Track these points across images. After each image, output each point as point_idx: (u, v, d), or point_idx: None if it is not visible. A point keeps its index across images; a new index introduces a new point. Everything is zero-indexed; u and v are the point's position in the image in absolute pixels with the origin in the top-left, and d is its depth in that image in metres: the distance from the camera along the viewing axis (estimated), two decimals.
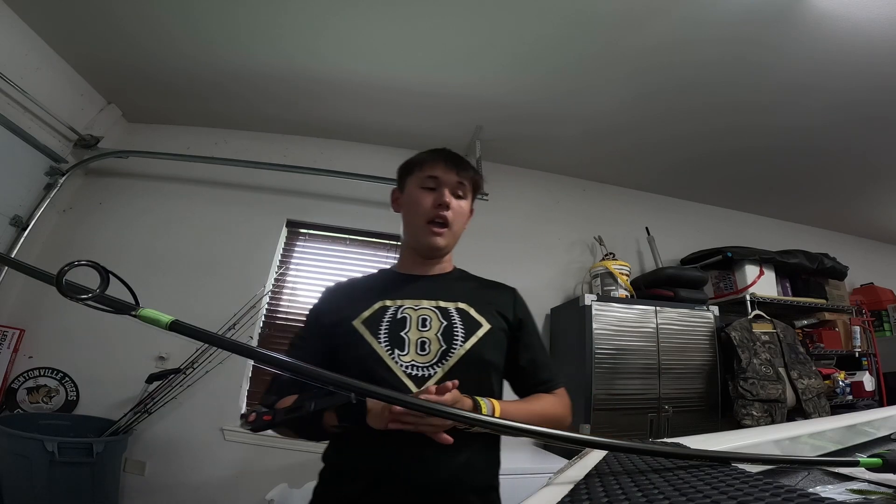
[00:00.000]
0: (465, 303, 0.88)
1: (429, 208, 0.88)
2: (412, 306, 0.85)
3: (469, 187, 0.93)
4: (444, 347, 0.80)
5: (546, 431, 0.48)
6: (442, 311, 0.85)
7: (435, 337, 0.81)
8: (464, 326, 0.83)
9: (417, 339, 0.80)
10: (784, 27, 1.68)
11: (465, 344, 0.81)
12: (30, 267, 0.52)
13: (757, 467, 0.45)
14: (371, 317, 0.83)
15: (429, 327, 0.82)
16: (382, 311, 0.84)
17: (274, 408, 0.73)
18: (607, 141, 2.59)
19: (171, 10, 1.86)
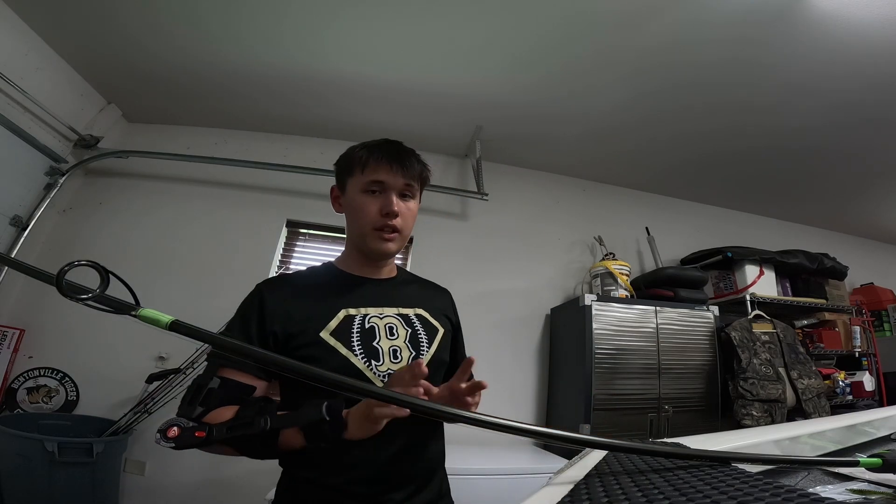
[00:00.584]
0: (422, 308, 0.89)
1: (375, 216, 0.81)
2: (377, 314, 0.83)
3: (417, 185, 0.87)
4: (414, 354, 0.82)
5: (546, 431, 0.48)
6: (404, 318, 0.86)
7: (404, 344, 0.82)
8: (425, 332, 0.86)
9: (389, 348, 0.80)
10: (784, 27, 1.68)
11: (430, 349, 0.84)
12: (30, 267, 0.52)
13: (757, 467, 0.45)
14: (339, 327, 0.78)
15: (396, 335, 0.82)
16: (349, 320, 0.80)
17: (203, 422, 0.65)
18: (607, 141, 2.59)
19: (172, 10, 1.86)
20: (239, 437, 0.63)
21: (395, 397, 0.48)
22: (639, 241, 2.99)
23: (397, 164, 0.82)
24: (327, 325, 0.78)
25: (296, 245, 2.65)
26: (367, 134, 2.80)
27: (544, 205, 2.94)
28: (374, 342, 0.79)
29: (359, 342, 0.78)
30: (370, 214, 0.81)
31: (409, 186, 0.84)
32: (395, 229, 0.82)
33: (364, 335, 0.79)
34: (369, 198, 0.82)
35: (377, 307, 0.84)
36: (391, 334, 0.81)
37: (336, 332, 0.78)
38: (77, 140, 2.41)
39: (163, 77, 2.29)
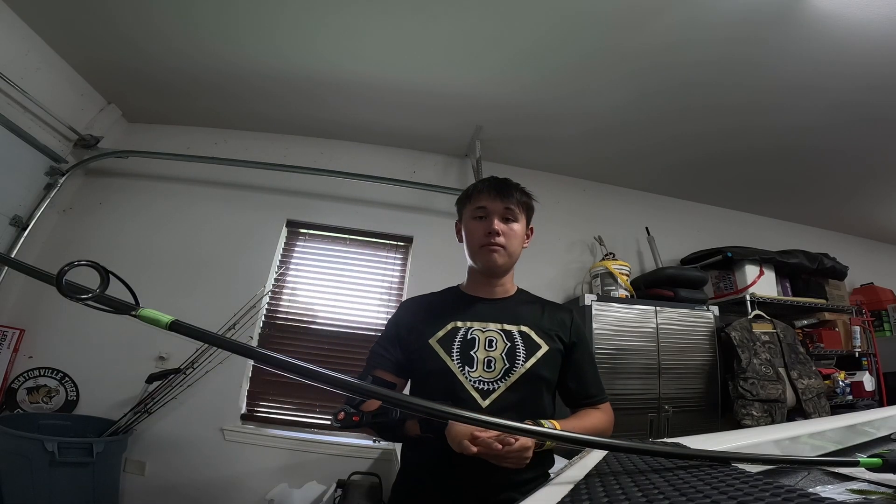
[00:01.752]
0: (527, 326, 0.97)
1: (481, 236, 0.97)
2: (480, 328, 0.95)
3: (519, 210, 1.00)
4: (508, 366, 0.91)
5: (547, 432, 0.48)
6: (506, 333, 0.95)
7: (500, 356, 0.91)
8: (525, 347, 0.93)
9: (484, 358, 0.91)
10: (784, 27, 1.68)
11: (525, 363, 0.91)
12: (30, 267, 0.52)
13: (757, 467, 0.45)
14: (445, 336, 0.93)
15: (494, 347, 0.92)
16: (454, 331, 0.94)
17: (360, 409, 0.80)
18: (607, 141, 2.59)
19: (171, 11, 1.86)
20: (379, 422, 0.79)
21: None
22: (639, 241, 2.99)
23: (496, 192, 0.98)
24: (436, 334, 0.94)
25: (296, 245, 2.65)
26: (366, 134, 2.83)
27: (544, 205, 2.90)
28: (471, 351, 0.91)
29: (458, 350, 0.91)
30: (477, 235, 0.98)
31: (508, 210, 0.98)
32: (500, 244, 0.96)
33: (464, 345, 0.92)
34: (477, 222, 0.99)
35: (482, 322, 0.96)
36: (489, 346, 0.92)
37: (442, 340, 0.93)
38: (77, 140, 2.41)
39: (163, 77, 2.29)
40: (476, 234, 0.98)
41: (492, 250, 0.95)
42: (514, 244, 0.98)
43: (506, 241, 0.96)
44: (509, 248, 0.97)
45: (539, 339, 0.95)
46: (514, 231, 0.98)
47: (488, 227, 0.96)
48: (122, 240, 2.42)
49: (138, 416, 1.98)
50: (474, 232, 0.98)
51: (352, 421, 0.78)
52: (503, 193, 0.98)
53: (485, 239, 0.96)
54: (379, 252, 2.68)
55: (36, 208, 2.24)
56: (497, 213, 0.97)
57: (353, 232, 2.66)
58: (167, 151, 2.49)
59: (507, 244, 0.96)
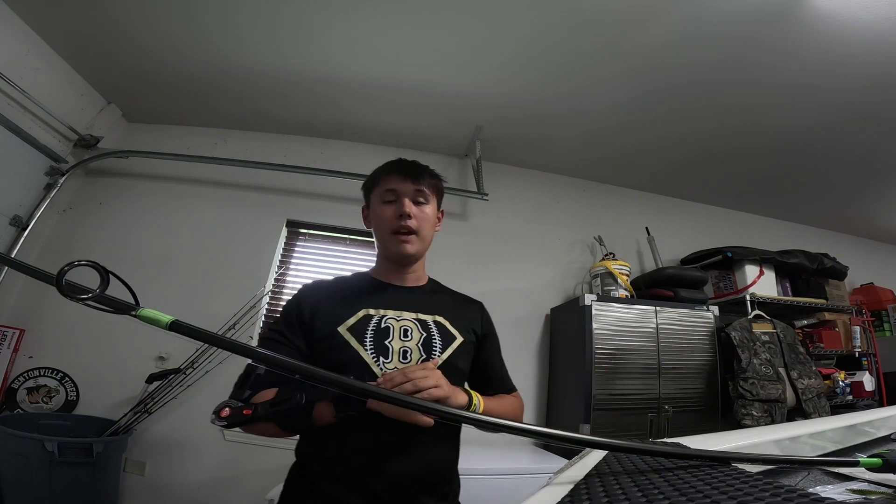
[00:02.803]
0: (442, 316, 0.94)
1: (392, 220, 0.91)
2: (394, 317, 0.90)
3: (430, 192, 0.96)
4: (424, 357, 0.86)
5: (546, 431, 0.48)
6: (421, 322, 0.91)
7: (416, 346, 0.87)
8: (441, 338, 0.90)
9: (400, 348, 0.86)
10: (784, 27, 1.68)
11: (442, 354, 0.88)
12: (30, 267, 0.52)
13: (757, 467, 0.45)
14: (356, 324, 0.86)
15: (410, 337, 0.88)
16: (367, 319, 0.88)
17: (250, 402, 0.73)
18: (607, 141, 2.59)
19: (172, 11, 1.86)
20: (280, 411, 0.70)
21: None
22: (639, 241, 2.99)
23: (406, 173, 0.93)
24: (346, 322, 0.86)
25: (296, 245, 2.65)
26: (367, 134, 2.83)
27: (544, 205, 2.94)
28: (385, 341, 0.85)
29: (371, 339, 0.85)
30: (387, 219, 0.92)
31: (419, 192, 0.93)
32: (411, 230, 0.91)
33: (378, 334, 0.86)
34: (386, 206, 0.93)
35: (396, 310, 0.91)
36: (405, 336, 0.88)
37: (353, 328, 0.86)
38: (77, 140, 2.41)
39: (163, 77, 2.29)
40: (386, 218, 0.92)
41: (403, 239, 0.91)
42: (426, 228, 0.94)
43: (418, 225, 0.91)
44: (421, 233, 0.93)
45: (454, 329, 0.93)
46: (426, 214, 0.94)
47: (399, 210, 0.90)
48: (122, 240, 2.42)
49: (138, 416, 1.98)
50: (384, 216, 0.92)
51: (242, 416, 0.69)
52: (413, 174, 0.93)
53: (396, 223, 0.91)
54: None
55: (36, 208, 2.24)
56: (408, 195, 0.92)
57: (353, 232, 2.66)
58: (167, 151, 2.49)
59: (419, 228, 0.92)
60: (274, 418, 0.72)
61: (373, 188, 0.98)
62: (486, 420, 0.50)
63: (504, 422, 0.51)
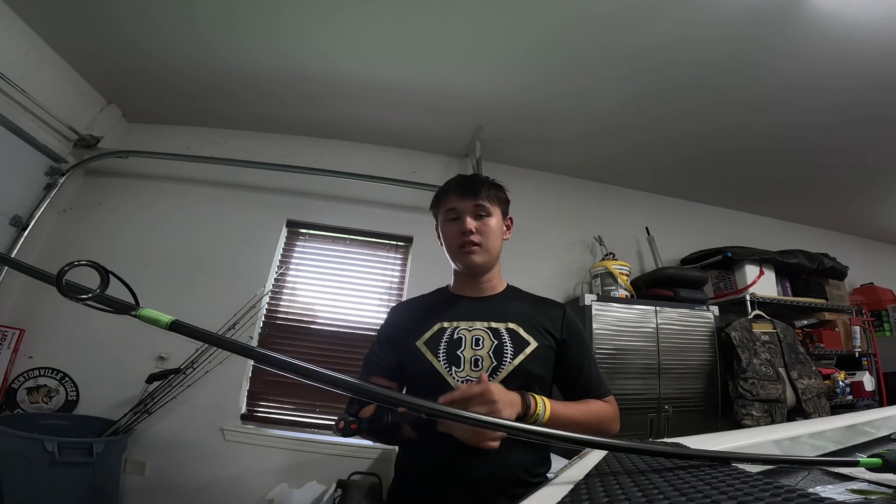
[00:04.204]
0: (515, 323, 0.95)
1: (456, 237, 0.97)
2: (467, 327, 0.94)
3: (491, 204, 0.99)
4: (495, 363, 0.89)
5: (547, 431, 0.48)
6: (493, 331, 0.94)
7: (487, 355, 0.90)
8: (513, 344, 0.92)
9: (471, 357, 0.90)
10: (784, 27, 1.68)
11: (513, 360, 0.90)
12: (30, 267, 0.52)
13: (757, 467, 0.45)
14: (431, 337, 0.93)
15: (481, 346, 0.91)
16: (441, 332, 0.94)
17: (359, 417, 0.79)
18: (607, 141, 2.59)
19: (172, 11, 1.86)
20: (373, 429, 0.79)
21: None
22: (639, 241, 2.99)
23: (463, 190, 0.98)
24: (423, 336, 0.93)
25: (296, 245, 2.65)
26: (366, 134, 2.83)
27: (544, 205, 2.93)
28: (458, 351, 0.91)
29: (444, 350, 0.91)
30: (452, 237, 0.98)
31: (479, 207, 0.98)
32: (475, 243, 0.95)
33: (450, 345, 0.91)
34: (450, 224, 0.99)
35: (468, 321, 0.95)
36: (476, 345, 0.91)
37: (428, 341, 0.93)
38: (77, 140, 2.41)
39: (163, 77, 2.29)
40: (451, 236, 0.98)
41: (468, 251, 0.95)
42: (491, 240, 0.97)
43: (481, 239, 0.95)
44: (486, 245, 0.96)
45: (528, 335, 0.94)
46: (490, 227, 0.97)
47: (461, 228, 0.95)
48: (122, 240, 2.42)
49: (138, 416, 1.98)
50: (449, 234, 0.98)
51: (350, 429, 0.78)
52: (470, 191, 0.98)
53: (460, 240, 0.96)
54: (379, 252, 2.68)
55: (36, 208, 2.24)
56: (468, 211, 0.96)
57: (353, 232, 2.66)
58: (167, 151, 2.49)
59: (483, 241, 0.96)
60: (372, 433, 0.82)
61: (438, 208, 1.04)
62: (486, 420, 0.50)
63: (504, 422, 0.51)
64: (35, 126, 2.18)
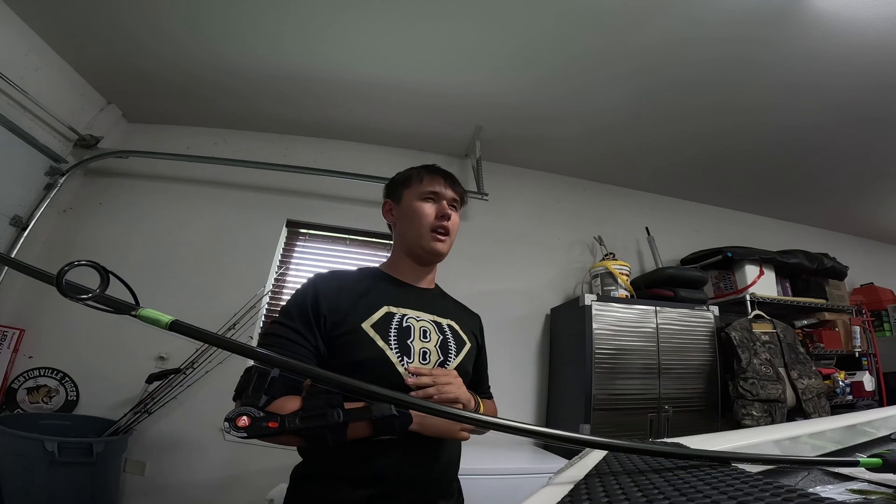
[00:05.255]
0: (454, 321, 0.97)
1: (432, 218, 0.94)
2: (414, 317, 0.90)
3: (460, 203, 1.01)
4: (442, 359, 0.88)
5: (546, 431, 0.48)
6: (437, 325, 0.93)
7: (434, 348, 0.88)
8: (455, 342, 0.93)
9: (420, 349, 0.86)
10: (784, 27, 1.68)
11: (456, 357, 0.91)
12: (30, 267, 0.52)
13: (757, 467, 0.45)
14: (379, 321, 0.85)
15: (429, 339, 0.89)
16: (389, 317, 0.87)
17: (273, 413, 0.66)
18: (607, 141, 2.59)
19: (172, 10, 1.86)
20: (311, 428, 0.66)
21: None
22: (639, 241, 2.99)
23: (447, 180, 0.98)
24: (369, 318, 0.85)
25: (296, 245, 2.65)
26: (367, 134, 2.83)
27: (544, 205, 2.93)
28: (408, 340, 0.86)
29: (395, 338, 0.84)
30: (428, 217, 0.93)
31: (455, 200, 0.98)
32: (447, 231, 0.95)
33: (400, 332, 0.86)
34: (427, 204, 0.94)
35: (415, 310, 0.92)
36: (424, 337, 0.88)
37: (376, 325, 0.84)
38: (77, 140, 2.41)
39: (163, 77, 2.29)
40: (426, 214, 0.93)
41: (440, 237, 0.93)
42: (454, 234, 0.98)
43: (452, 229, 0.96)
44: (452, 237, 0.96)
45: (464, 335, 0.97)
46: (456, 222, 0.98)
47: (441, 210, 0.94)
48: (122, 240, 2.42)
49: (138, 416, 1.98)
50: (424, 213, 0.93)
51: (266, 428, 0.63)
52: (453, 182, 0.99)
53: (436, 222, 0.93)
54: (379, 252, 2.68)
55: (36, 208, 2.24)
56: (447, 199, 0.96)
57: (353, 232, 2.66)
58: (167, 151, 2.49)
59: (451, 232, 0.96)
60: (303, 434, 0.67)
61: (409, 185, 0.97)
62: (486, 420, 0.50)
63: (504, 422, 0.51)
64: (35, 126, 2.18)
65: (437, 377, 0.78)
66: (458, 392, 0.78)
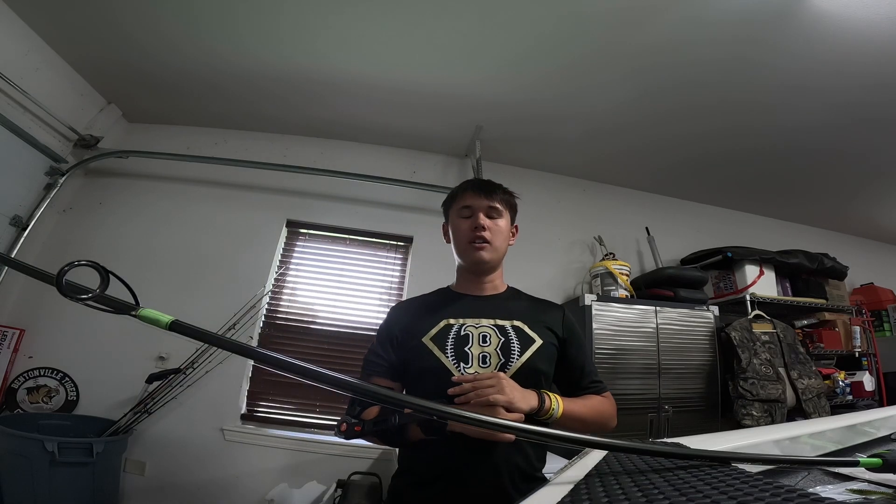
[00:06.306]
0: (520, 320, 0.97)
1: (467, 232, 0.99)
2: (473, 324, 0.95)
3: (503, 208, 1.03)
4: (503, 360, 0.90)
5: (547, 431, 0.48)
6: (499, 328, 0.95)
7: (494, 351, 0.91)
8: (519, 342, 0.93)
9: (479, 354, 0.90)
10: (784, 27, 1.68)
11: (521, 357, 0.91)
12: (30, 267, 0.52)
13: (757, 467, 0.45)
14: (438, 334, 0.93)
15: (489, 343, 0.92)
16: (447, 328, 0.94)
17: (361, 419, 0.81)
18: (607, 141, 2.59)
19: (172, 11, 1.86)
20: (379, 431, 0.79)
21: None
22: (639, 241, 2.99)
23: (480, 190, 1.01)
24: (429, 332, 0.93)
25: (296, 245, 2.65)
26: (366, 134, 2.83)
27: (544, 205, 2.93)
28: (465, 347, 0.91)
29: (452, 347, 0.91)
30: (463, 231, 1.00)
31: (493, 208, 1.01)
32: (486, 240, 0.98)
33: (458, 341, 0.92)
34: (463, 220, 1.01)
35: (475, 318, 0.96)
36: (483, 342, 0.92)
37: (435, 337, 0.92)
38: (77, 140, 2.41)
39: (163, 77, 2.29)
40: (462, 230, 1.00)
41: (478, 247, 0.97)
42: (499, 240, 1.00)
43: (491, 237, 0.98)
44: (494, 244, 0.99)
45: (533, 332, 0.95)
46: (500, 227, 1.01)
47: (474, 223, 0.98)
48: (123, 240, 2.42)
49: (138, 416, 1.98)
50: (461, 229, 1.00)
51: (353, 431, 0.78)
52: (487, 191, 1.01)
53: (471, 234, 0.98)
54: (379, 252, 2.68)
55: (36, 208, 2.24)
56: (482, 209, 0.99)
57: (353, 232, 2.66)
58: (167, 151, 2.50)
59: (492, 239, 0.98)
60: (377, 435, 0.81)
61: (451, 205, 1.05)
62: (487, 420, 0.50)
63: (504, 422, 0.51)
64: (35, 126, 2.18)
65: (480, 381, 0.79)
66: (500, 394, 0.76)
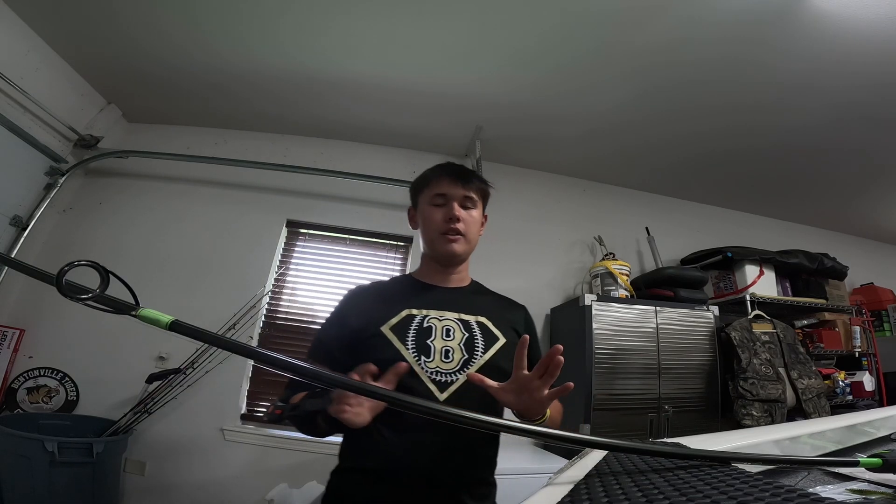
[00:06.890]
0: (484, 317, 0.95)
1: (441, 223, 0.94)
2: (437, 316, 0.91)
3: (477, 198, 0.99)
4: (466, 357, 0.87)
5: (546, 431, 0.48)
6: (464, 322, 0.92)
7: (458, 346, 0.88)
8: (483, 338, 0.91)
9: (442, 348, 0.87)
10: (784, 26, 1.68)
11: (484, 354, 0.89)
12: (30, 267, 0.52)
13: (757, 467, 0.45)
14: (398, 324, 0.88)
15: (452, 337, 0.89)
16: (409, 319, 0.89)
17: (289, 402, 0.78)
18: (607, 141, 2.59)
19: (172, 10, 1.86)
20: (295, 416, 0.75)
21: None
22: (639, 241, 2.99)
23: (456, 177, 0.96)
24: (389, 321, 0.88)
25: (296, 245, 2.65)
26: (366, 134, 2.83)
27: (544, 205, 2.93)
28: (428, 340, 0.87)
29: (413, 339, 0.86)
30: (436, 221, 0.95)
31: (468, 198, 0.97)
32: (459, 232, 0.94)
33: (420, 333, 0.87)
34: (436, 209, 0.96)
35: (438, 310, 0.92)
36: (447, 336, 0.89)
37: (395, 327, 0.87)
38: (77, 140, 2.41)
39: (163, 77, 2.29)
40: (435, 220, 0.95)
41: (451, 239, 0.94)
42: (472, 231, 0.97)
43: (465, 229, 0.95)
44: (468, 236, 0.96)
45: (497, 330, 0.93)
46: (474, 218, 0.97)
47: (448, 214, 0.94)
48: (122, 240, 2.42)
49: (138, 416, 1.98)
50: (433, 218, 0.95)
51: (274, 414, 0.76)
52: (463, 180, 0.96)
53: (444, 226, 0.94)
54: (379, 252, 2.68)
55: (36, 208, 2.24)
56: (457, 199, 0.95)
57: (353, 232, 2.66)
58: (167, 151, 2.50)
59: (466, 231, 0.95)
60: (292, 421, 0.77)
61: (422, 190, 0.99)
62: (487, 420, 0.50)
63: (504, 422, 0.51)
64: (35, 126, 2.18)
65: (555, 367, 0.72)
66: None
